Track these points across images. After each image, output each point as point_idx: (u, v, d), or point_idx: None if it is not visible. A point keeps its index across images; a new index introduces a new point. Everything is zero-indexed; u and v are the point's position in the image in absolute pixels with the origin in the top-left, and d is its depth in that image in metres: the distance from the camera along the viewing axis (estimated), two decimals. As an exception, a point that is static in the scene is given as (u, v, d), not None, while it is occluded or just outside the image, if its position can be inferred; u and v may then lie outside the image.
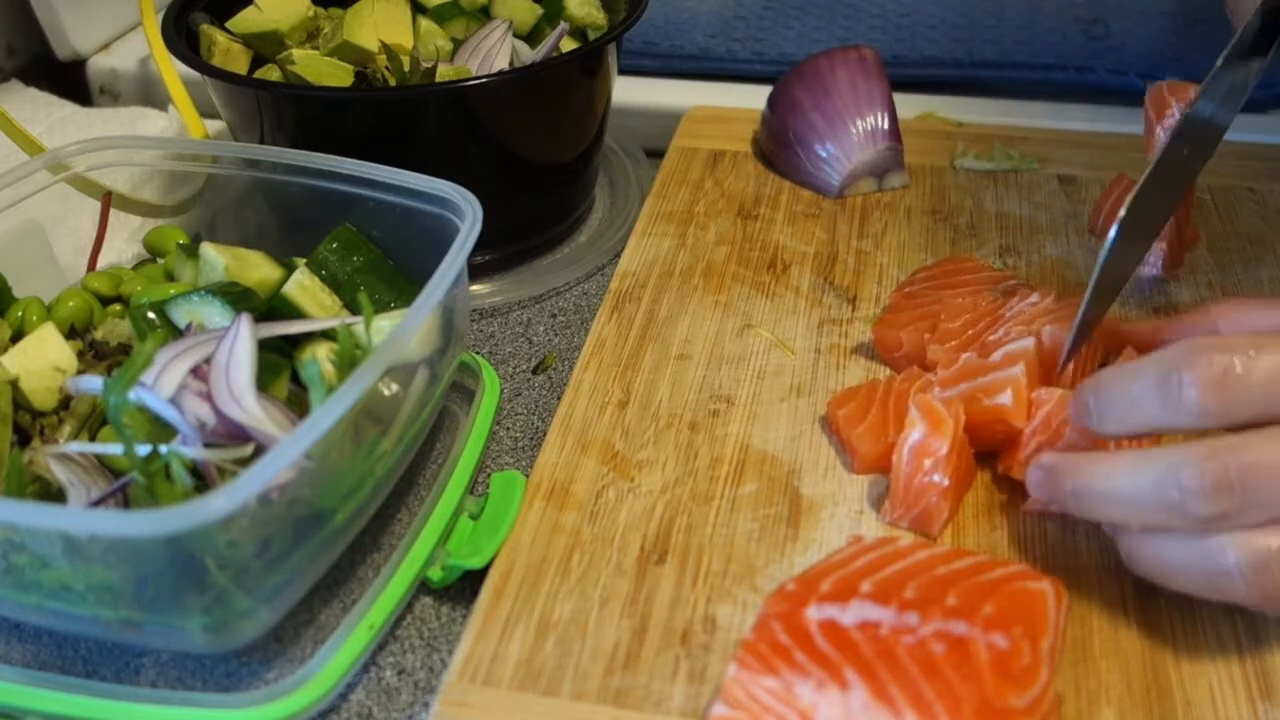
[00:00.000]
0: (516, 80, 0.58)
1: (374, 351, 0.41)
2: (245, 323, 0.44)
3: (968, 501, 0.46)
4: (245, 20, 0.64)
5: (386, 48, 0.61)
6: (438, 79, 0.59)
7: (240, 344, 0.43)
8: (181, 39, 0.61)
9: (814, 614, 0.39)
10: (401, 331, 0.42)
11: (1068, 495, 0.40)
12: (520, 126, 0.60)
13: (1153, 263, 0.58)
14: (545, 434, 0.51)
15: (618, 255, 0.63)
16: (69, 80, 0.81)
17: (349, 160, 0.52)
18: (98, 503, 0.41)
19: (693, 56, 0.80)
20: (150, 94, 0.80)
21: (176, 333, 0.47)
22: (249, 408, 0.42)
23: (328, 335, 0.48)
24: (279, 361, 0.46)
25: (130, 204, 0.59)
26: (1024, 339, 0.48)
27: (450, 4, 0.66)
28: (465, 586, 0.46)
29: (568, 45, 0.65)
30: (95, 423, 0.46)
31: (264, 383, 0.44)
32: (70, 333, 0.50)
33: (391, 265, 0.53)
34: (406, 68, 0.60)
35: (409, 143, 0.58)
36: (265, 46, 0.64)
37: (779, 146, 0.67)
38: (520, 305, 0.63)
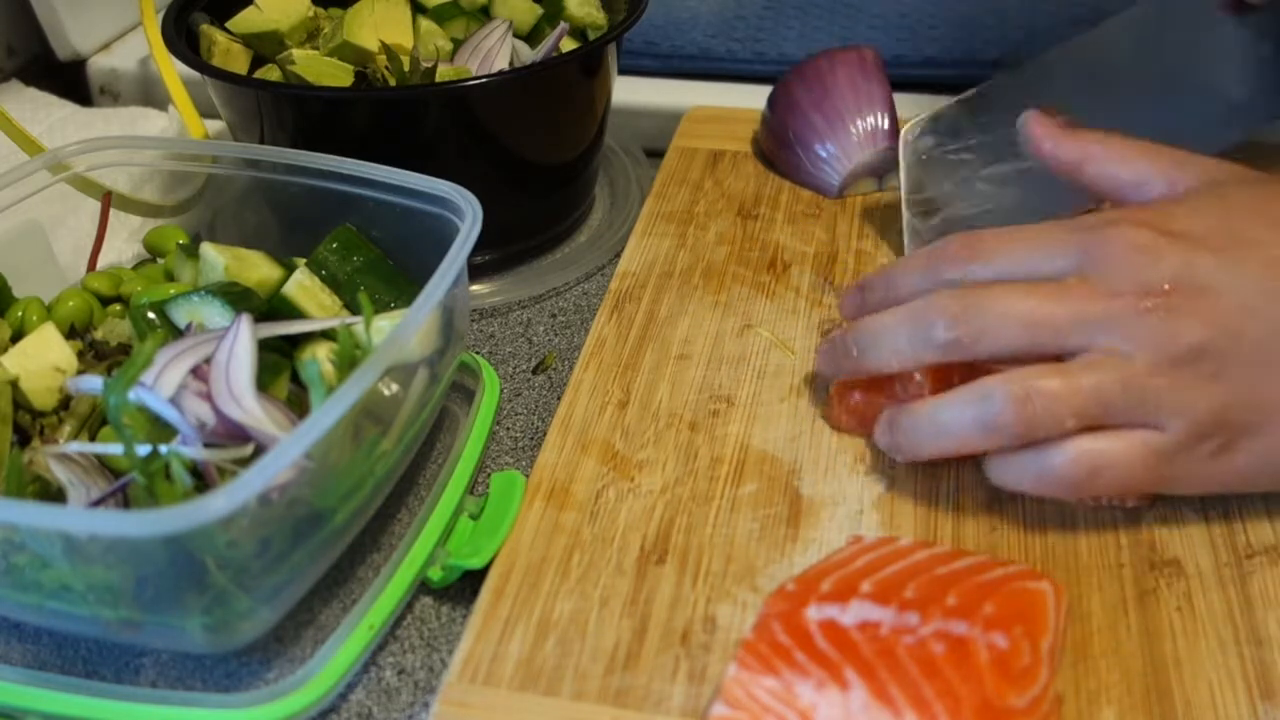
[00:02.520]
0: (516, 80, 0.58)
1: (374, 351, 0.41)
2: (245, 323, 0.44)
3: (967, 501, 0.46)
4: (245, 20, 0.64)
5: (386, 48, 0.61)
6: (438, 79, 0.59)
7: (240, 344, 0.43)
8: (181, 39, 0.61)
9: (814, 614, 0.39)
10: (401, 331, 0.42)
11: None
12: (520, 126, 0.60)
13: None
14: (545, 434, 0.51)
15: (618, 255, 0.63)
16: (69, 80, 0.81)
17: (349, 160, 0.52)
18: (98, 503, 0.41)
19: (693, 56, 0.80)
20: (150, 94, 0.80)
21: (176, 333, 0.47)
22: (249, 408, 0.42)
23: (328, 335, 0.48)
24: (279, 361, 0.46)
25: (130, 204, 0.59)
26: None
27: (450, 4, 0.66)
28: (465, 586, 0.46)
29: (568, 45, 0.65)
30: (95, 423, 0.46)
31: (264, 383, 0.44)
32: (70, 333, 0.50)
33: (391, 265, 0.53)
34: (406, 68, 0.60)
35: (409, 143, 0.58)
36: (265, 46, 0.64)
37: (779, 146, 0.67)
38: (520, 305, 0.63)
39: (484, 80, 0.57)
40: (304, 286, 0.50)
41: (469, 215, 0.48)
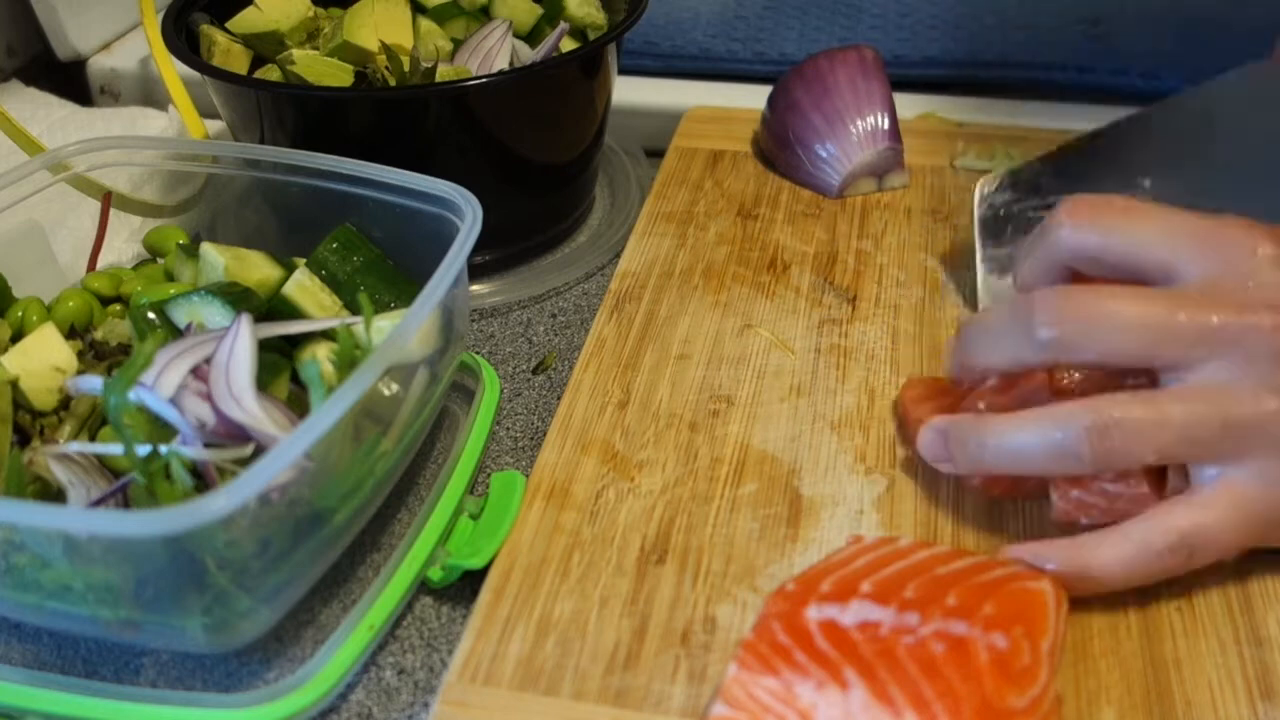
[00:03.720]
0: (516, 80, 0.58)
1: (374, 351, 0.41)
2: (245, 323, 0.44)
3: (967, 501, 0.46)
4: (245, 20, 0.64)
5: (386, 48, 0.61)
6: (438, 79, 0.59)
7: (240, 344, 0.43)
8: (181, 39, 0.61)
9: (814, 614, 0.39)
10: (401, 331, 0.42)
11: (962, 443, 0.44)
12: (520, 126, 0.60)
13: None
14: (545, 434, 0.51)
15: (618, 255, 0.63)
16: (69, 80, 0.81)
17: (349, 160, 0.52)
18: (98, 503, 0.41)
19: (693, 56, 0.80)
20: (150, 94, 0.80)
21: (176, 333, 0.47)
22: (249, 408, 0.42)
23: (328, 335, 0.48)
24: (279, 361, 0.46)
25: (130, 204, 0.59)
26: None
27: (450, 4, 0.66)
28: (465, 586, 0.46)
29: (568, 45, 0.65)
30: (95, 423, 0.46)
31: (264, 383, 0.44)
32: (70, 333, 0.50)
33: (391, 265, 0.53)
34: (406, 68, 0.60)
35: (409, 143, 0.58)
36: (265, 46, 0.64)
37: (779, 146, 0.67)
38: (520, 305, 0.63)
39: (484, 80, 0.57)
40: (304, 286, 0.50)
41: (469, 215, 0.48)
